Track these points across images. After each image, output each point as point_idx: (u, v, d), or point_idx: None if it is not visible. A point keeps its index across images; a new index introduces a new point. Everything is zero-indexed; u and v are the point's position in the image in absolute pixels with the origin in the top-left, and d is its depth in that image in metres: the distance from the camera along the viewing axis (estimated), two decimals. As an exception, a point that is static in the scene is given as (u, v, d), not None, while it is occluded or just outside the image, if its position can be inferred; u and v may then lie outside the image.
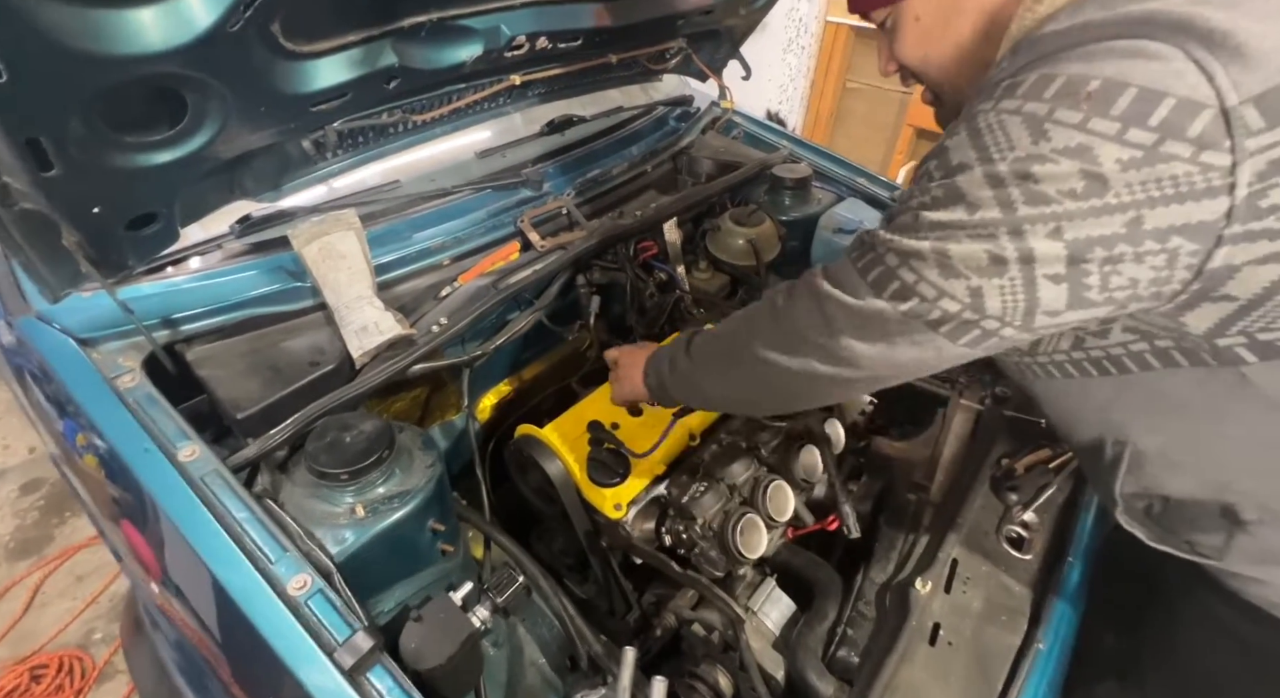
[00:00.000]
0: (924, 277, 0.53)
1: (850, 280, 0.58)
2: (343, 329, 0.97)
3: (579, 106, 1.51)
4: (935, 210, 0.53)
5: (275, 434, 0.82)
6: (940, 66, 0.67)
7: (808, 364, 0.62)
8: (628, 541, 0.96)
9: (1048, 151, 0.47)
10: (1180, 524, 0.65)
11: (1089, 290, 0.49)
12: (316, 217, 1.01)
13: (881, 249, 0.56)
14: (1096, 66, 0.47)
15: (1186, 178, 0.44)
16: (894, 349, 0.57)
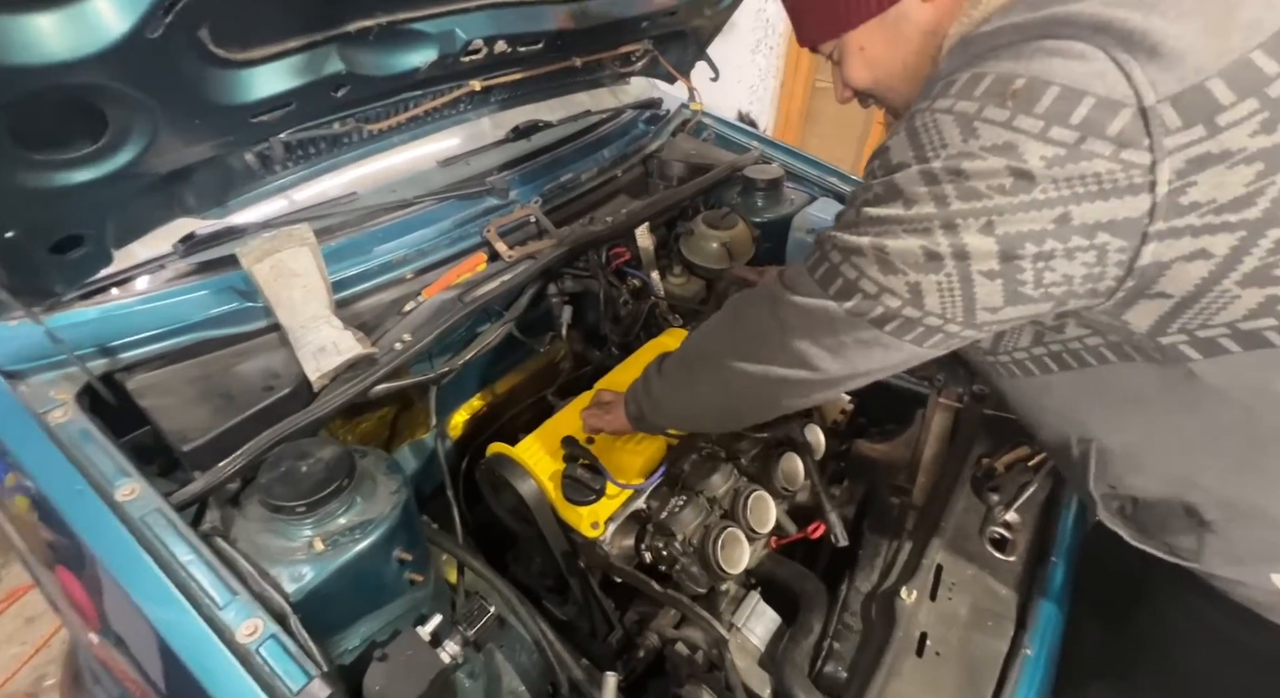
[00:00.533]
0: (865, 273, 0.54)
1: (801, 280, 0.60)
2: (298, 351, 0.92)
3: (545, 111, 1.47)
4: (875, 207, 0.54)
5: (224, 466, 0.77)
6: (891, 88, 0.68)
7: (768, 370, 0.63)
8: (606, 560, 0.92)
9: (976, 149, 0.48)
10: (1154, 526, 0.65)
11: (1024, 286, 0.50)
12: (267, 233, 0.95)
13: (827, 246, 0.57)
14: (1022, 65, 0.48)
15: (1109, 175, 0.45)
16: (844, 349, 0.58)
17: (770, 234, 1.60)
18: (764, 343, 0.63)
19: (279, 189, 0.97)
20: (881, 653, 0.75)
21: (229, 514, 0.77)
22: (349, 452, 0.82)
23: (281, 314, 0.93)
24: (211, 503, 0.76)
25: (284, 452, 0.79)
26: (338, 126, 0.94)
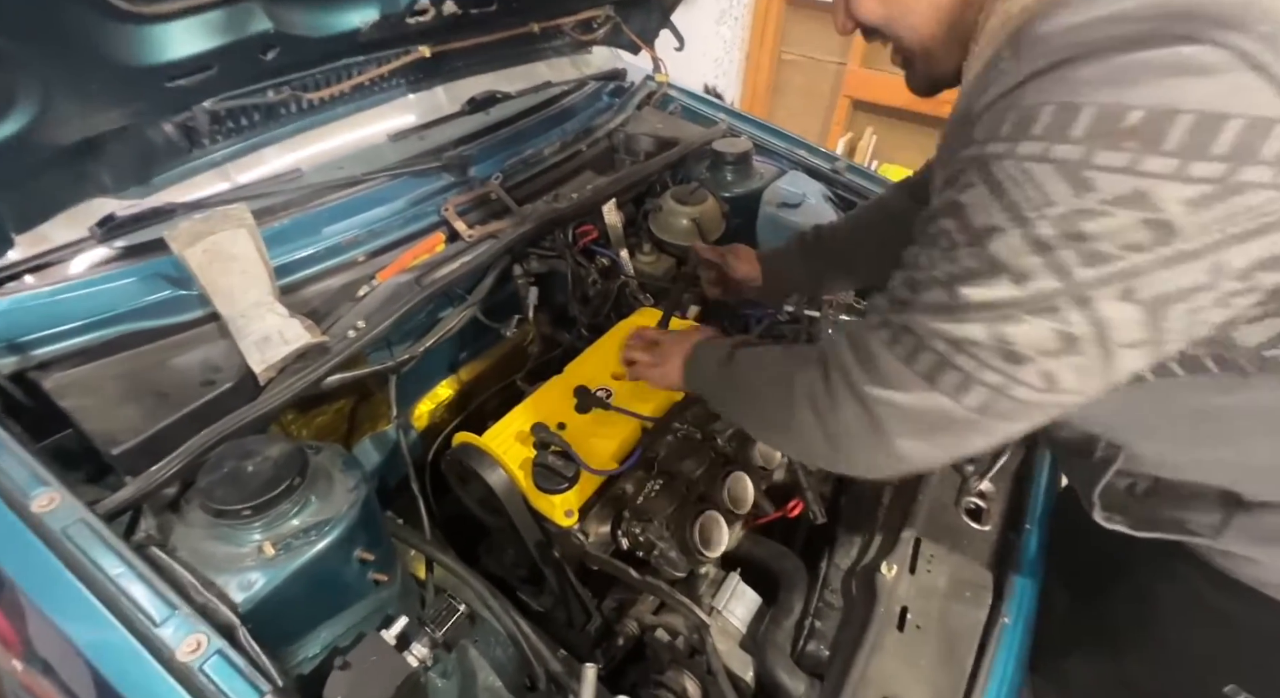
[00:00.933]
0: (988, 364, 0.46)
1: (896, 375, 0.51)
2: (240, 341, 0.85)
3: (503, 82, 1.39)
4: (976, 286, 0.45)
5: (159, 470, 0.70)
6: (910, 28, 0.58)
7: (854, 460, 0.58)
8: (582, 549, 0.89)
9: (1095, 204, 0.40)
10: (1169, 504, 0.63)
11: (1167, 343, 0.44)
12: (199, 214, 0.87)
13: (925, 335, 0.49)
14: (1131, 93, 0.38)
15: (1270, 205, 0.38)
16: (959, 441, 0.51)
17: (740, 209, 1.56)
18: (857, 443, 0.55)
19: (210, 165, 0.89)
20: (864, 630, 0.74)
21: (167, 521, 0.70)
22: (300, 448, 0.76)
23: (219, 302, 0.86)
24: (146, 510, 0.69)
25: (226, 451, 0.73)
26: (272, 95, 0.86)
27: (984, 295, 0.45)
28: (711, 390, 0.78)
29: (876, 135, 3.17)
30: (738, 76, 3.39)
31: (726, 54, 3.27)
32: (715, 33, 3.19)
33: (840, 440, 0.56)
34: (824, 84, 3.23)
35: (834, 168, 1.61)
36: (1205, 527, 0.61)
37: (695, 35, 1.71)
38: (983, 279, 0.45)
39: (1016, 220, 0.42)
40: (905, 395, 0.50)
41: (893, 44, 0.62)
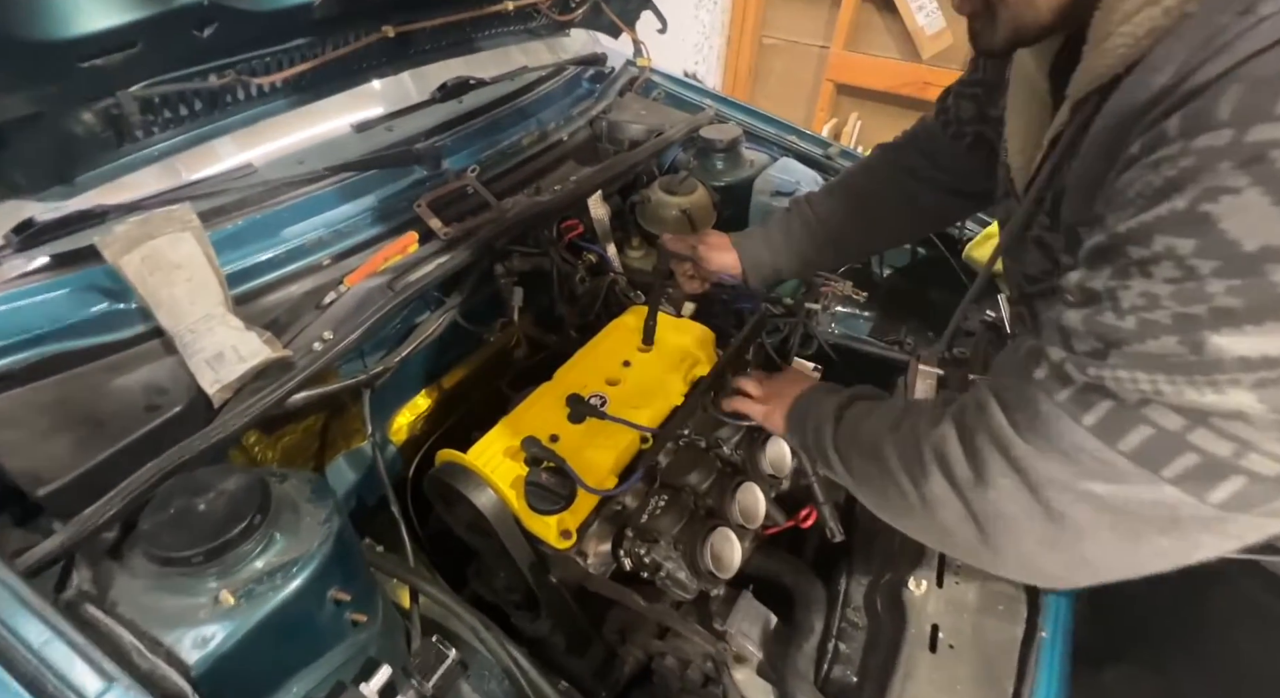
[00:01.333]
0: (1254, 446, 0.33)
1: (1089, 451, 0.38)
2: (189, 360, 0.76)
3: (475, 67, 1.30)
4: (1237, 334, 0.32)
5: (94, 513, 0.61)
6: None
7: (1010, 556, 0.45)
8: (582, 573, 0.82)
9: None
10: None
11: None
12: (136, 216, 0.77)
13: (1142, 401, 0.36)
14: None
15: None
16: (1184, 546, 0.38)
17: (731, 199, 1.49)
18: (1018, 535, 0.43)
19: (145, 161, 0.78)
20: (895, 653, 0.68)
21: (105, 572, 0.61)
22: (260, 479, 0.67)
23: (163, 316, 0.76)
24: (79, 560, 0.60)
25: (175, 487, 0.64)
26: (214, 80, 0.75)
27: (1253, 348, 0.32)
28: (815, 452, 0.71)
29: (861, 120, 3.12)
30: (718, 62, 3.31)
31: (706, 39, 3.19)
32: (694, 17, 3.10)
33: (993, 526, 0.44)
34: (806, 68, 3.17)
35: (826, 154, 1.54)
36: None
37: (674, 20, 1.63)
38: (1251, 324, 0.32)
39: None
40: (1115, 489, 0.37)
41: (998, 17, 0.48)
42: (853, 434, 0.63)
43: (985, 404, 0.45)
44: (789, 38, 3.16)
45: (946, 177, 0.90)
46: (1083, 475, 0.38)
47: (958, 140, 0.86)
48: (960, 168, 0.88)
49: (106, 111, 0.68)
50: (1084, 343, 0.39)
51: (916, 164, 0.92)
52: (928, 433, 0.49)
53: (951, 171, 0.90)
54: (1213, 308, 0.33)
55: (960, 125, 0.85)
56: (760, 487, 0.87)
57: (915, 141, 0.93)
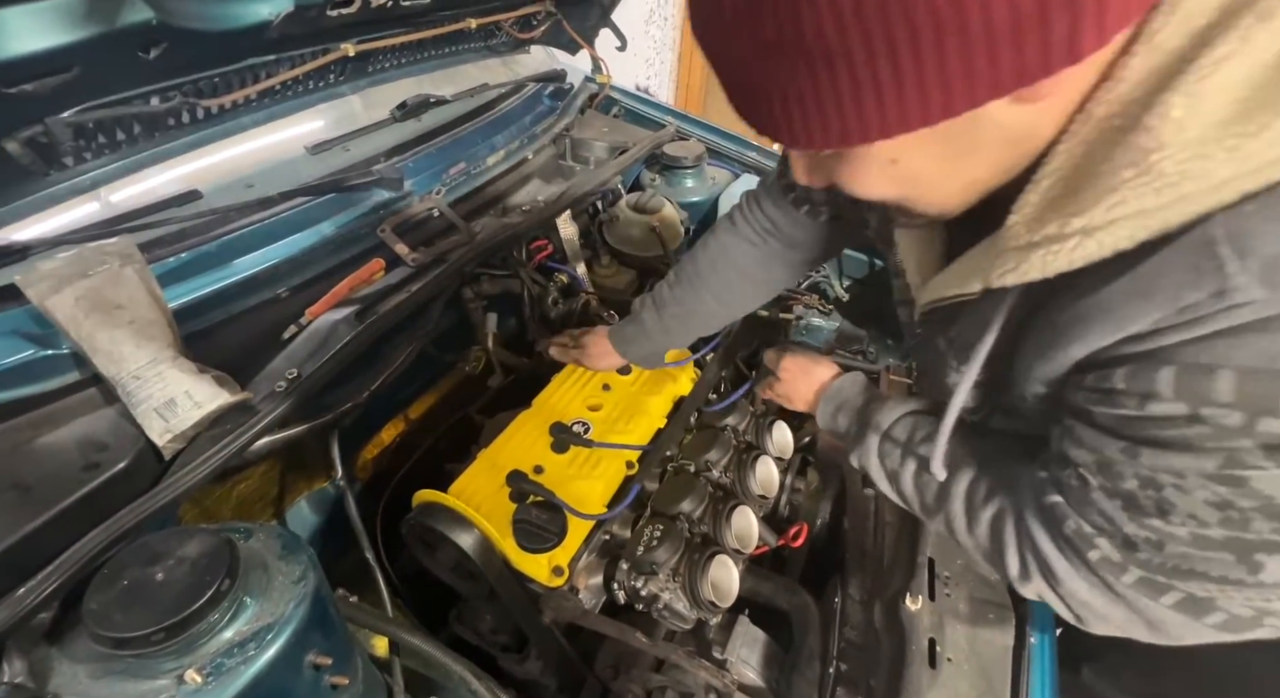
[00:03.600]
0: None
1: (1170, 621, 0.46)
2: (135, 409, 0.69)
3: (434, 86, 1.26)
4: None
5: (27, 594, 0.54)
6: (930, 203, 0.48)
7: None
8: (578, 611, 0.79)
9: None
10: None
11: None
12: (65, 251, 0.70)
13: (1211, 598, 0.43)
14: None
15: None
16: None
17: (696, 215, 1.51)
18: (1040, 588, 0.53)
19: (75, 191, 0.71)
20: (898, 672, 0.68)
21: (44, 659, 0.54)
22: (226, 540, 0.61)
23: (102, 362, 0.69)
24: (11, 649, 0.53)
25: (123, 558, 0.57)
26: (157, 102, 0.69)
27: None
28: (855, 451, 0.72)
29: (808, 135, 3.22)
30: (670, 77, 3.35)
31: (658, 55, 3.22)
32: (645, 33, 3.13)
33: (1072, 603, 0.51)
34: (756, 86, 3.25)
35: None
36: None
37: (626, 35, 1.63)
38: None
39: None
40: (1151, 613, 0.46)
41: (898, 211, 0.51)
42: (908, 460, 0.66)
43: (1044, 554, 0.51)
44: (737, 54, 3.24)
45: (805, 250, 0.87)
46: (1133, 613, 0.47)
47: (813, 217, 0.82)
48: (820, 238, 0.85)
49: (32, 139, 0.61)
50: (1139, 539, 0.44)
51: (771, 242, 0.86)
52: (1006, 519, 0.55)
53: (809, 245, 0.86)
54: (1264, 539, 0.39)
55: (814, 206, 0.81)
56: (752, 509, 0.87)
57: (765, 217, 0.86)
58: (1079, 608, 0.50)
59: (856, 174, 0.46)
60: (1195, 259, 0.36)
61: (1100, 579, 0.47)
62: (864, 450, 0.70)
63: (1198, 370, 0.37)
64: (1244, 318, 0.35)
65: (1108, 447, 0.43)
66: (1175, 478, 0.40)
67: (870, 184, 0.46)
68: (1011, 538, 0.54)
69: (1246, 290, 0.34)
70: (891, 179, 0.45)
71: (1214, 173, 0.34)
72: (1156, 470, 0.41)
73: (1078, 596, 0.49)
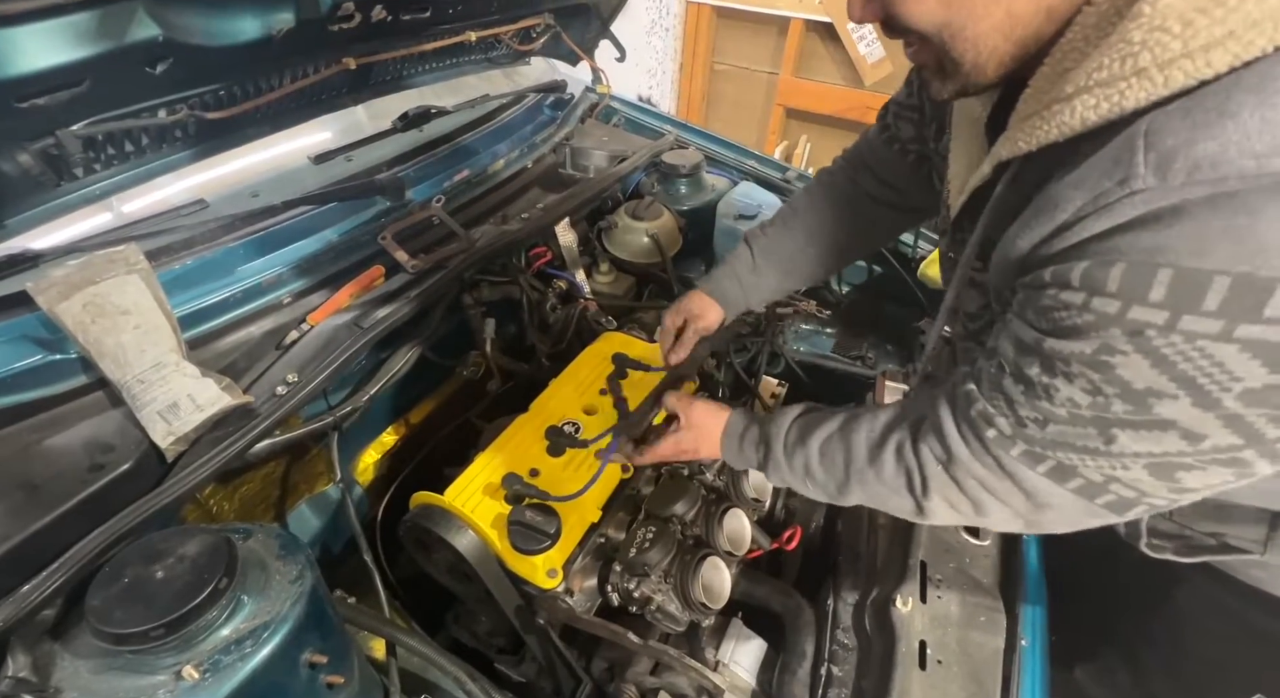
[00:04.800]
0: (1151, 495, 0.47)
1: (1042, 487, 0.51)
2: (139, 412, 0.71)
3: (436, 97, 1.28)
4: (1136, 436, 0.44)
5: (32, 590, 0.55)
6: (969, 39, 0.47)
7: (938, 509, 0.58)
8: (570, 613, 0.80)
9: None
10: (1208, 519, 0.62)
11: None
12: (75, 259, 0.72)
13: (1076, 466, 0.48)
14: None
15: None
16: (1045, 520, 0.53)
17: (695, 222, 1.52)
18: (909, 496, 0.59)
19: (85, 200, 0.73)
20: (888, 674, 0.69)
21: (47, 654, 0.55)
22: (225, 539, 0.63)
23: (108, 366, 0.71)
24: (16, 644, 0.54)
25: (127, 555, 0.59)
26: (164, 115, 0.72)
27: (1148, 447, 0.44)
28: (769, 467, 0.72)
29: (810, 142, 3.24)
30: (672, 87, 3.38)
31: (659, 65, 3.26)
32: (647, 43, 3.17)
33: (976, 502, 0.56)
34: (757, 93, 3.28)
35: (785, 178, 1.59)
36: (1251, 543, 0.60)
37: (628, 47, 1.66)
38: (1145, 431, 0.43)
39: (1192, 391, 0.40)
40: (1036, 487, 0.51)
41: (926, 48, 0.51)
42: (809, 446, 0.68)
43: (946, 436, 0.55)
44: (739, 64, 3.27)
45: (893, 192, 0.91)
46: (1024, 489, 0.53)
47: (902, 157, 0.87)
48: (906, 182, 0.90)
49: (44, 151, 0.63)
50: (1029, 418, 0.49)
51: (863, 181, 0.92)
52: (901, 445, 0.59)
53: (897, 187, 0.91)
54: (1117, 417, 0.44)
55: (903, 143, 0.86)
56: (745, 512, 0.88)
57: (860, 158, 0.93)
58: (968, 484, 0.54)
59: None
60: (1119, 151, 0.39)
61: (991, 455, 0.52)
62: (774, 464, 0.71)
63: (1101, 264, 0.40)
64: (1137, 209, 0.37)
65: (1026, 335, 0.48)
66: (1063, 364, 0.45)
67: (924, 6, 0.47)
68: (909, 449, 0.58)
69: (1143, 178, 0.37)
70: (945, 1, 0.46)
71: (1167, 46, 0.36)
72: (1055, 357, 0.45)
73: (972, 471, 0.53)
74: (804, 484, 0.70)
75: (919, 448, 0.57)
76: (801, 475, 0.69)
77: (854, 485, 0.64)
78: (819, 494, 0.70)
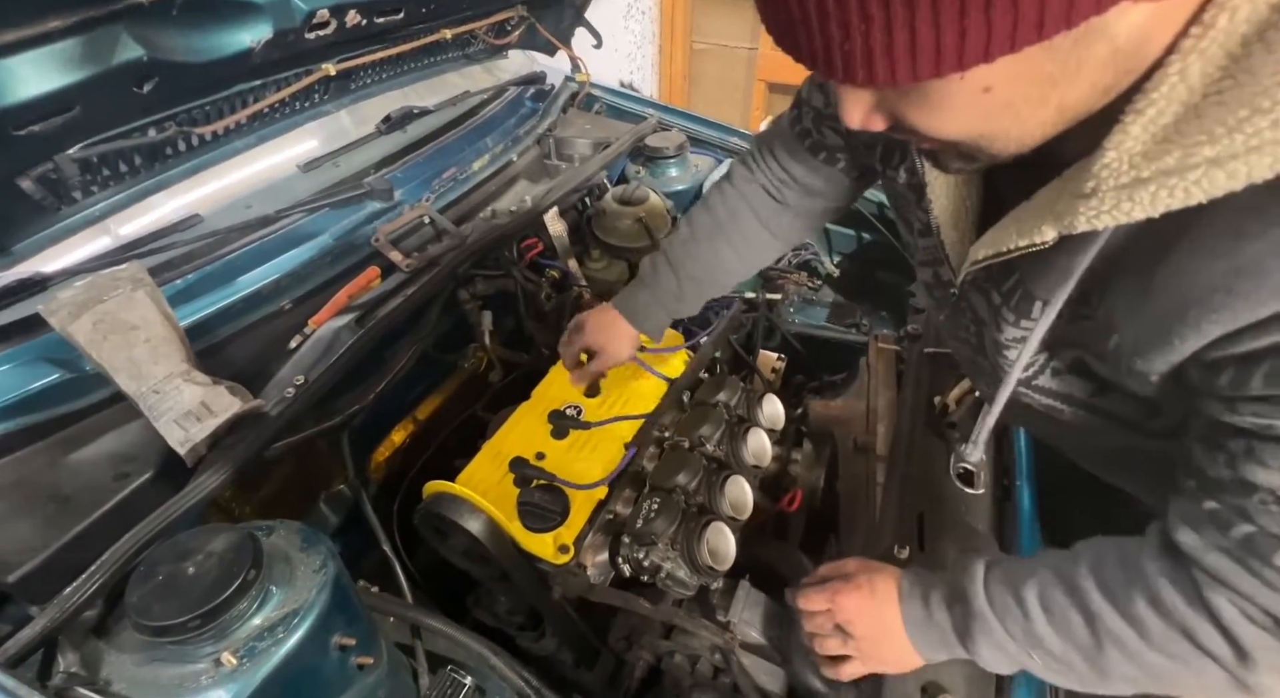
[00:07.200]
0: None
1: None
2: (156, 422, 0.74)
3: (416, 97, 1.30)
4: None
5: (73, 593, 0.59)
6: (1014, 139, 0.42)
7: None
8: (585, 585, 0.83)
9: None
10: None
11: None
12: (81, 280, 0.75)
13: None
14: None
15: None
16: None
17: (682, 204, 1.53)
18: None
19: (87, 223, 0.76)
20: (890, 622, 0.71)
21: (94, 651, 0.59)
22: (249, 534, 0.66)
23: (123, 380, 0.74)
24: (63, 643, 0.58)
25: (158, 555, 0.62)
26: (154, 134, 0.74)
27: None
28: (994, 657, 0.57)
29: (794, 116, 3.23)
30: (652, 70, 3.37)
31: (639, 48, 3.24)
32: (625, 28, 3.16)
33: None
34: (738, 70, 3.26)
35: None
36: None
37: (605, 32, 1.66)
38: None
39: None
40: None
41: (945, 144, 0.44)
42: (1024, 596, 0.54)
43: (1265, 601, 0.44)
44: (718, 42, 3.25)
45: (819, 199, 0.83)
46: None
47: (829, 164, 0.78)
48: (832, 186, 0.81)
49: (44, 176, 0.66)
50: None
51: (787, 194, 0.83)
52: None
53: (823, 193, 0.82)
54: None
55: (831, 153, 0.77)
56: (745, 478, 0.90)
57: (779, 164, 0.83)
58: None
59: (938, 109, 0.39)
60: None
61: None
62: (979, 622, 0.56)
63: None
64: None
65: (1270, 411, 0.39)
66: None
67: (953, 120, 0.40)
68: (1199, 608, 0.45)
69: None
70: (979, 112, 0.39)
71: None
72: None
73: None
74: (1031, 654, 0.54)
75: (1217, 600, 0.44)
76: (1023, 637, 0.54)
77: (1118, 651, 0.49)
78: (1056, 673, 0.54)
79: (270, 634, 0.63)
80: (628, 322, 0.91)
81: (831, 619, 0.66)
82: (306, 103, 0.98)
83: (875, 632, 0.64)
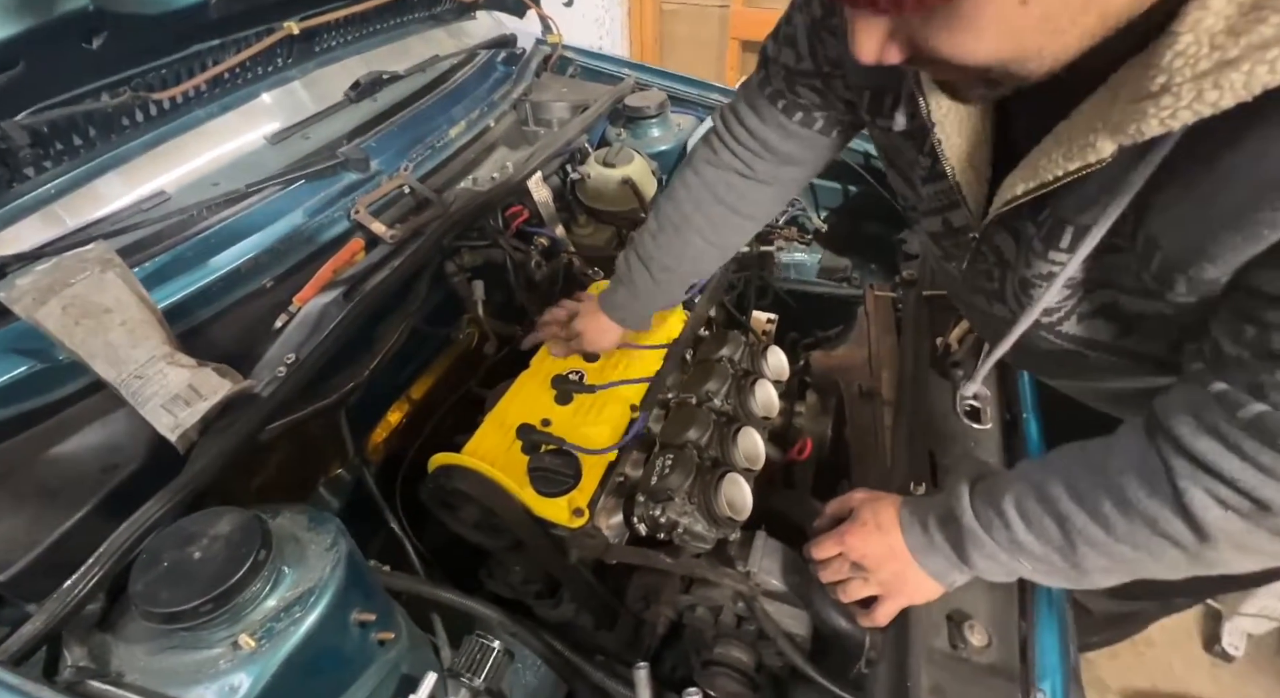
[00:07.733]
0: None
1: None
2: (142, 408, 0.70)
3: (384, 63, 1.23)
4: None
5: (73, 586, 0.56)
6: (1049, 56, 0.39)
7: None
8: (601, 546, 0.82)
9: None
10: None
11: None
12: (43, 263, 0.70)
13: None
14: None
15: None
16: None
17: (666, 163, 1.50)
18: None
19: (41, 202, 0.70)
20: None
21: (101, 644, 0.56)
22: (255, 516, 0.63)
23: (101, 367, 0.70)
24: (68, 638, 0.55)
25: (160, 542, 0.59)
26: (108, 99, 0.68)
27: None
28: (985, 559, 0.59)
29: (769, 76, 3.17)
30: (622, 34, 3.27)
31: (607, 12, 3.15)
32: (590, -9, 3.06)
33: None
34: (710, 29, 3.18)
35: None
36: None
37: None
38: None
39: None
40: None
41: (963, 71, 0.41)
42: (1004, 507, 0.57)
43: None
44: (688, 1, 3.17)
45: (796, 168, 0.80)
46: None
47: (806, 126, 0.74)
48: (810, 151, 0.77)
49: (-12, 147, 0.60)
50: None
51: (758, 167, 0.79)
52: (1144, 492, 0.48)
53: (801, 161, 0.79)
54: None
55: (808, 112, 0.73)
56: (756, 429, 0.90)
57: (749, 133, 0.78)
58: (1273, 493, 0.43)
59: (968, 30, 0.37)
60: None
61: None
62: (971, 539, 0.59)
63: None
64: None
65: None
66: None
67: (984, 41, 0.37)
68: (1163, 498, 0.47)
69: None
70: (1013, 29, 0.36)
71: None
72: None
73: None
74: (1018, 560, 0.57)
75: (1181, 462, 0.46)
76: (1009, 546, 0.56)
77: (1097, 543, 0.51)
78: (1044, 573, 0.57)
79: (287, 614, 0.61)
80: (614, 321, 0.94)
81: (846, 561, 0.68)
82: (270, 67, 0.92)
83: (891, 562, 0.65)
